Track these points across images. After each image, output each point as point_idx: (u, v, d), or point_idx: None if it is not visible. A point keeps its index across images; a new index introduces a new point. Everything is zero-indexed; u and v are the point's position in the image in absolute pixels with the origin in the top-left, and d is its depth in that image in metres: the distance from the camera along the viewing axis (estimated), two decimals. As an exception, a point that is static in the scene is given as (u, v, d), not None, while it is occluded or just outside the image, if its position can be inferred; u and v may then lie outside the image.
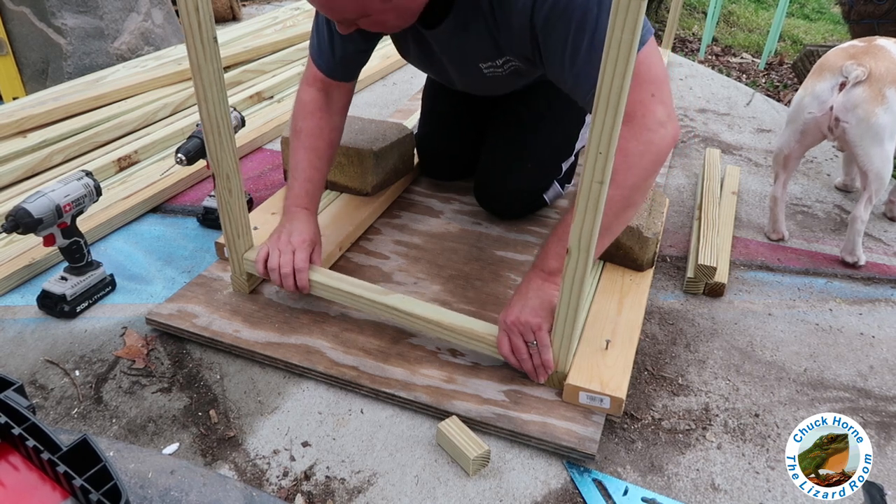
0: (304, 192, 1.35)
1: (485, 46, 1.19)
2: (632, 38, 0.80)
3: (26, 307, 1.38)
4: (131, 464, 0.66)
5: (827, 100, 1.53)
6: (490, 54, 1.22)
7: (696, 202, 1.87)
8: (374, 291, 1.26)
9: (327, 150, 1.38)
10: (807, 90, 1.57)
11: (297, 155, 1.36)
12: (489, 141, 1.67)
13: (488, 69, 1.24)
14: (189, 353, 1.27)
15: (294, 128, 1.38)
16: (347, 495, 1.01)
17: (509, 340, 1.14)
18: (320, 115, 1.36)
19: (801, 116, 1.58)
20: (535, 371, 1.15)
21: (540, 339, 1.12)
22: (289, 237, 1.29)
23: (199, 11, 1.04)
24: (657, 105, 1.04)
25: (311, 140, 1.36)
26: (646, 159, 1.05)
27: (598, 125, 0.87)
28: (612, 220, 1.06)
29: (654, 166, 1.07)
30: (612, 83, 0.84)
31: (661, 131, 1.04)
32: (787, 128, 1.64)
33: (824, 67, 1.57)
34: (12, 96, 2.55)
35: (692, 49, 3.80)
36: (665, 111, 1.04)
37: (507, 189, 1.62)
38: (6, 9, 2.50)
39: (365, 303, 1.26)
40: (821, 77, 1.55)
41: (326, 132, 1.37)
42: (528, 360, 1.14)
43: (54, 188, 1.27)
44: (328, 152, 1.39)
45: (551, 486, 1.04)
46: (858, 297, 1.54)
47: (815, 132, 1.59)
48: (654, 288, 1.51)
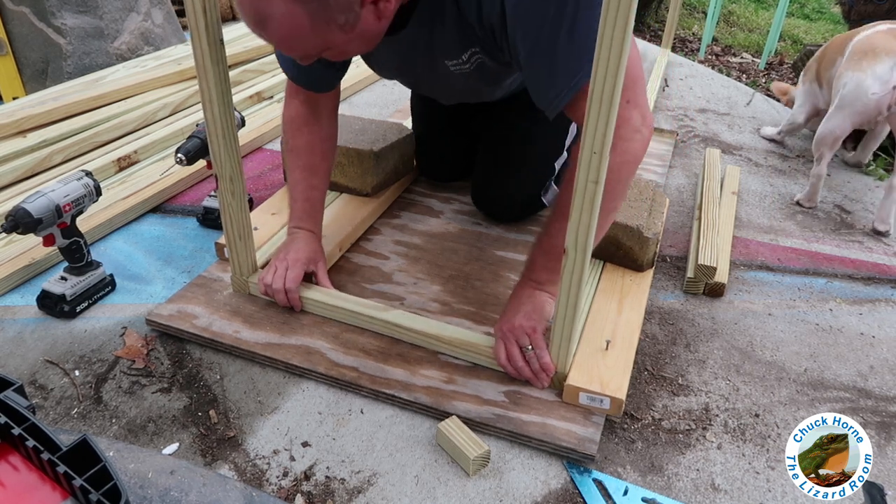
0: (303, 213, 1.37)
1: (449, 42, 1.15)
2: (623, 35, 0.80)
3: (26, 307, 1.38)
4: (131, 464, 0.66)
5: (889, 80, 1.63)
6: (455, 50, 1.17)
7: (696, 202, 1.87)
8: (373, 308, 1.28)
9: (322, 163, 1.38)
10: (866, 73, 1.65)
11: (294, 175, 1.37)
12: (480, 153, 1.68)
13: (454, 66, 1.21)
14: (189, 353, 1.27)
15: (285, 145, 1.38)
16: (347, 495, 1.01)
17: (505, 349, 1.15)
18: (308, 129, 1.35)
19: (861, 98, 1.66)
20: (536, 376, 1.14)
21: (535, 341, 1.12)
22: (285, 256, 1.32)
23: (206, 13, 1.04)
24: (633, 111, 1.03)
25: (305, 158, 1.36)
26: (625, 169, 1.06)
27: (592, 124, 0.87)
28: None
29: (632, 172, 1.09)
30: (605, 82, 0.84)
31: (637, 136, 1.05)
32: (840, 112, 1.74)
33: (878, 50, 1.67)
34: (12, 96, 2.55)
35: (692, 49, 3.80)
36: (640, 115, 1.05)
37: (504, 197, 1.64)
38: (6, 9, 2.50)
39: (364, 320, 1.28)
40: (878, 59, 1.65)
41: (318, 146, 1.36)
42: (526, 366, 1.14)
43: (54, 188, 1.27)
44: (323, 165, 1.39)
45: (551, 486, 1.04)
46: (858, 297, 1.54)
47: (873, 112, 1.69)
48: (654, 288, 1.51)
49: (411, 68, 1.33)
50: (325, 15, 0.92)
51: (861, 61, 1.68)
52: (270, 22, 0.92)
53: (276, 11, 0.90)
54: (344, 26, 0.95)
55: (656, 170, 2.02)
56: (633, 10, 0.78)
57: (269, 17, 0.91)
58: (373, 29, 1.00)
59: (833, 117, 1.76)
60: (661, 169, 2.03)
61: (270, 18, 0.91)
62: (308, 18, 0.91)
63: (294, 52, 1.02)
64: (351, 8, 0.93)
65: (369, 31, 1.00)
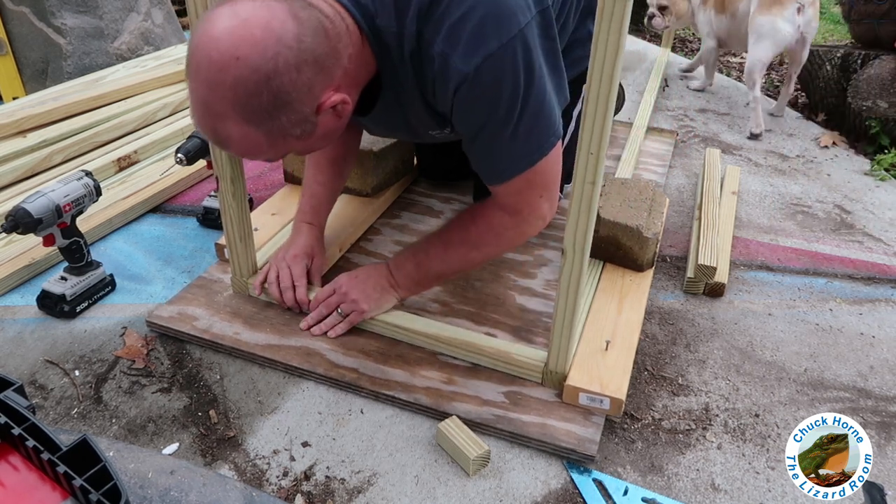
0: (308, 207, 1.40)
1: (424, 118, 1.13)
2: (618, 40, 0.81)
3: (26, 307, 1.38)
4: (131, 464, 0.65)
5: (794, 21, 2.24)
6: (433, 124, 1.15)
7: (696, 202, 1.87)
8: None
9: (329, 165, 1.41)
10: (776, 17, 2.25)
11: (306, 172, 1.42)
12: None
13: (438, 134, 1.20)
14: (189, 353, 1.27)
15: None
16: (347, 495, 1.01)
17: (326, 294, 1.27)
18: None
19: (776, 35, 2.27)
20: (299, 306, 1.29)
21: (352, 319, 1.26)
22: (285, 252, 1.34)
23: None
24: (544, 203, 1.14)
25: (315, 156, 1.40)
26: (513, 242, 1.20)
27: (588, 126, 0.88)
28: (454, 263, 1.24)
29: (516, 245, 1.25)
30: (601, 82, 0.84)
31: (539, 223, 1.17)
32: (762, 45, 2.31)
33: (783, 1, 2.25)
34: (12, 96, 2.55)
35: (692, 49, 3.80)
36: (550, 206, 1.15)
37: None
38: (6, 9, 2.49)
39: (365, 322, 1.28)
40: (784, 6, 2.24)
41: (329, 147, 1.39)
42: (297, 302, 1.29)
43: (54, 188, 1.27)
44: (332, 165, 1.41)
45: (551, 486, 1.04)
46: (858, 297, 1.54)
47: (787, 44, 2.31)
48: (654, 288, 1.51)
49: (396, 134, 1.37)
50: (281, 132, 0.92)
51: (771, 7, 2.25)
52: (230, 142, 0.93)
53: (233, 134, 0.91)
54: (301, 136, 0.95)
55: (656, 170, 2.02)
56: (627, 12, 0.79)
57: (226, 138, 0.92)
58: (333, 127, 0.99)
59: (756, 51, 2.32)
60: (661, 169, 2.03)
61: (228, 139, 0.93)
62: (264, 137, 0.92)
63: (257, 160, 1.05)
64: (306, 120, 0.93)
65: (330, 130, 1.00)
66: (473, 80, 0.96)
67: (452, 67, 0.96)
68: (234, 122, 0.89)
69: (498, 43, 0.94)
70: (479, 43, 0.94)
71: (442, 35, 0.95)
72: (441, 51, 0.96)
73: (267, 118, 0.89)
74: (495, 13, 0.94)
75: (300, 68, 0.87)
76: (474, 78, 0.96)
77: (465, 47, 0.94)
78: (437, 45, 0.96)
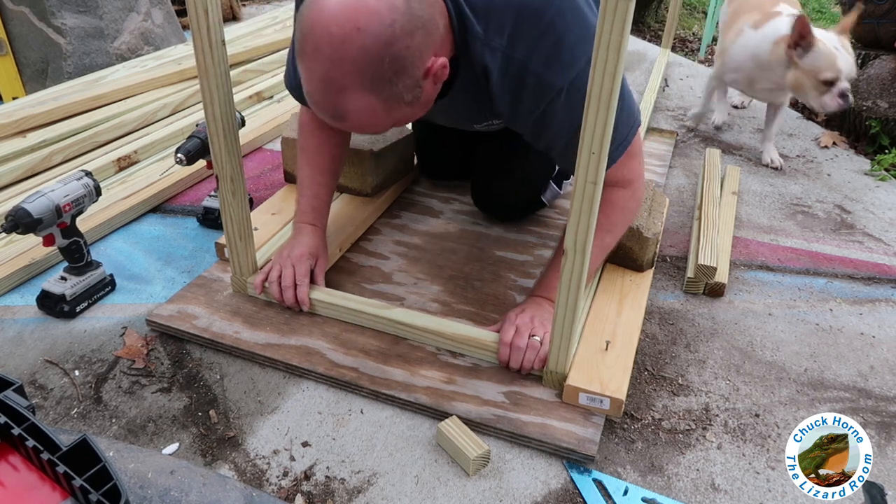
0: (309, 207, 1.40)
1: (483, 110, 1.22)
2: (620, 39, 0.81)
3: (26, 307, 1.38)
4: (131, 464, 0.65)
5: None
6: (485, 117, 1.27)
7: (696, 202, 1.87)
8: (376, 306, 1.28)
9: (330, 164, 1.41)
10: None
11: (302, 172, 1.41)
12: (480, 152, 1.68)
13: (483, 126, 1.31)
14: (189, 353, 1.27)
15: (298, 145, 1.43)
16: (347, 495, 1.01)
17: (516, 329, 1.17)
18: (320, 132, 1.39)
19: None
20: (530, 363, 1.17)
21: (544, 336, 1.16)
22: (289, 253, 1.34)
23: (208, 14, 1.04)
24: (641, 166, 1.23)
25: (313, 157, 1.40)
26: (636, 211, 1.27)
27: (590, 125, 0.88)
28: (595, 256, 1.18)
29: (637, 213, 1.31)
30: (603, 82, 0.84)
31: (643, 185, 1.26)
32: None
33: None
34: (12, 96, 2.55)
35: (692, 49, 3.79)
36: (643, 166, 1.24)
37: (504, 196, 1.64)
38: (6, 9, 2.50)
39: (367, 318, 1.28)
40: None
41: (328, 148, 1.40)
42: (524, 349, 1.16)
43: (54, 188, 1.27)
44: (331, 166, 1.42)
45: (551, 486, 1.04)
46: (858, 297, 1.54)
47: None
48: (654, 288, 1.51)
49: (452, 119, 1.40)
50: (397, 98, 0.97)
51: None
52: (347, 115, 0.98)
53: (353, 106, 0.96)
54: (410, 102, 1.00)
55: (656, 170, 2.02)
56: (629, 12, 0.79)
57: (346, 111, 0.97)
58: (432, 94, 1.05)
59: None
60: (661, 169, 2.03)
61: (347, 113, 0.97)
62: (382, 105, 0.97)
63: (369, 133, 1.11)
64: (417, 85, 0.98)
65: (430, 98, 1.05)
66: (570, 90, 1.04)
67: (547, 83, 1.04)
68: (357, 92, 0.93)
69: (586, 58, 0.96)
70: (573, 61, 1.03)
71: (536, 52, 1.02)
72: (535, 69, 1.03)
73: (388, 85, 0.94)
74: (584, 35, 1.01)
75: (413, 33, 0.92)
76: (570, 87, 1.04)
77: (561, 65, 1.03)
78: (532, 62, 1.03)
